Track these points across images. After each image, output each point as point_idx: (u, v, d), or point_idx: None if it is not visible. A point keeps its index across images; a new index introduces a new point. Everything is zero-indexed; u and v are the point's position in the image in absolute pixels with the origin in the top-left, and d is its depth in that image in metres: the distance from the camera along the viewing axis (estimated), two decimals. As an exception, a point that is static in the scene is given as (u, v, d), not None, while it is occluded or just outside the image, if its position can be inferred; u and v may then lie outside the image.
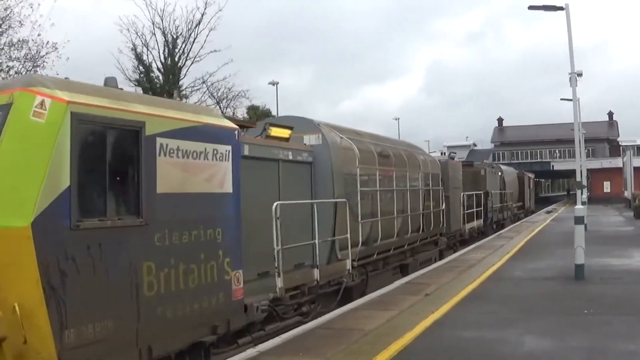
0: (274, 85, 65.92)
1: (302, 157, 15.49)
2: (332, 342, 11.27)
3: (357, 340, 11.36)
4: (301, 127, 16.28)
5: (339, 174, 16.36)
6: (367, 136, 20.33)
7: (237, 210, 11.39)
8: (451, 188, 27.84)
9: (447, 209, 26.82)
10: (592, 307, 13.77)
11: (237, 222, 11.37)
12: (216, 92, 57.96)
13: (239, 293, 11.31)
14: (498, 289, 17.01)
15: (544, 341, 11.17)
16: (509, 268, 20.98)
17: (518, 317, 13.21)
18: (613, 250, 24.80)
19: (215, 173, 10.80)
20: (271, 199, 13.12)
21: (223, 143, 11.04)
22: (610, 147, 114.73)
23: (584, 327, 12.07)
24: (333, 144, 16.45)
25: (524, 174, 63.39)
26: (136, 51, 53.81)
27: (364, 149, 18.44)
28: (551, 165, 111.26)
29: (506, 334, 11.78)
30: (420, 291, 16.45)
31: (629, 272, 19.18)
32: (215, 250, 10.74)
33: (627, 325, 12.09)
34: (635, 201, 51.32)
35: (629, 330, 11.66)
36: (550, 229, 40.01)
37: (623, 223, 43.79)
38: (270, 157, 14.07)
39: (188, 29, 55.05)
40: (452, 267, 21.26)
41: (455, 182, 29.03)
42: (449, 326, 12.50)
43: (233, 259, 11.14)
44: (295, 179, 15.03)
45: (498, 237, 34.23)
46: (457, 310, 14.11)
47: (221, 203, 11.00)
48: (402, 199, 21.21)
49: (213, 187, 10.78)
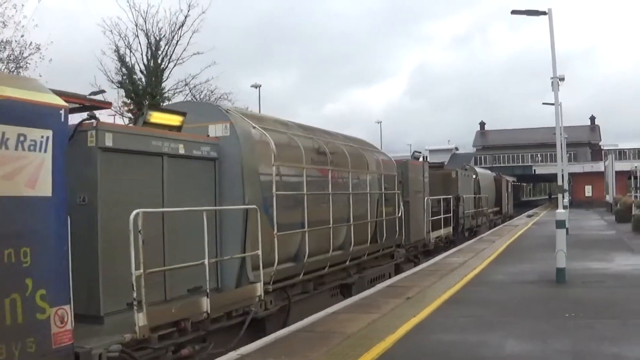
0: (257, 87, 65.82)
1: (200, 152, 12.45)
2: (314, 345, 11.19)
3: (339, 343, 11.27)
4: (206, 115, 13.58)
5: (252, 174, 13.17)
6: (296, 128, 16.70)
7: (62, 222, 8.24)
8: (412, 192, 24.89)
9: (407, 216, 23.27)
10: (574, 311, 13.73)
11: (61, 239, 8.21)
12: (199, 94, 57.71)
13: (64, 338, 8.11)
14: (480, 292, 16.97)
15: (527, 344, 11.11)
16: (490, 272, 20.94)
17: (500, 321, 13.15)
18: (594, 254, 24.83)
19: (20, 168, 7.75)
20: (151, 204, 10.65)
21: (37, 126, 7.95)
22: (592, 152, 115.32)
23: (566, 330, 12.02)
24: (245, 136, 13.28)
25: (501, 177, 61.29)
26: (119, 53, 53.46)
27: (288, 143, 15.09)
28: (533, 169, 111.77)
29: (488, 337, 11.71)
30: (401, 294, 16.39)
31: (611, 275, 19.18)
32: (19, 279, 7.62)
33: (609, 329, 12.05)
34: (616, 205, 51.48)
35: (612, 334, 11.61)
36: (531, 232, 40.04)
37: (604, 227, 43.92)
38: (148, 150, 11.12)
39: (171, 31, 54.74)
40: (434, 271, 21.19)
41: (417, 185, 26.04)
42: (430, 330, 12.43)
43: (53, 290, 8.00)
44: (189, 180, 12.12)
45: (479, 241, 34.23)
46: (439, 313, 14.04)
47: (30, 211, 7.89)
48: (342, 206, 17.53)
49: (16, 188, 7.72)
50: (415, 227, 25.21)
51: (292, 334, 12.27)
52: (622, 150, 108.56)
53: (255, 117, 15.13)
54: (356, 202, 18.46)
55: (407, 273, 21.11)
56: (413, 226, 24.80)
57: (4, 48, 41.11)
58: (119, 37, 53.27)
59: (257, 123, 14.09)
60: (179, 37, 54.74)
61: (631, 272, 19.76)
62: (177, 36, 54.78)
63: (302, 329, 12.70)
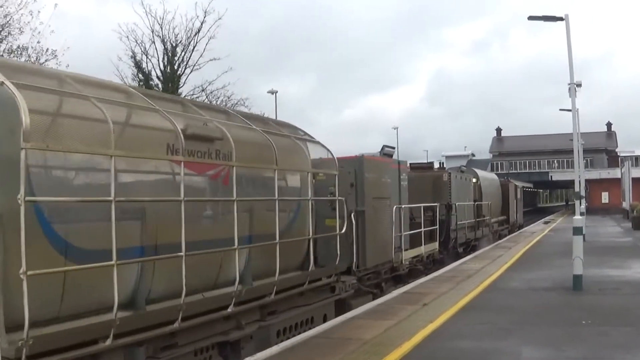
0: (273, 94, 65.88)
1: None
2: (329, 352, 11.24)
3: (354, 350, 11.31)
4: None
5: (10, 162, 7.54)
6: (120, 92, 10.82)
7: None
8: (371, 199, 18.22)
9: (361, 232, 17.38)
10: (590, 318, 13.74)
11: None
12: (215, 100, 57.86)
13: None
14: (496, 299, 16.98)
15: (542, 352, 11.13)
16: (507, 278, 20.95)
17: (516, 328, 13.18)
18: (611, 261, 24.80)
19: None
20: None
21: None
22: (608, 158, 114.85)
23: (582, 337, 12.03)
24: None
25: (509, 181, 52.68)
26: (135, 59, 53.73)
27: (73, 113, 8.88)
28: (549, 175, 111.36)
29: (504, 344, 11.74)
30: (418, 301, 16.42)
31: (627, 283, 19.15)
32: None
33: (625, 336, 12.06)
34: (633, 212, 51.30)
35: (627, 341, 11.63)
36: (548, 239, 39.97)
37: (621, 234, 43.79)
38: None
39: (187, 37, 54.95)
40: (451, 277, 21.20)
41: (379, 189, 19.09)
42: (447, 336, 12.46)
43: None
44: None
45: (496, 247, 34.17)
46: (455, 320, 14.07)
47: None
48: (234, 220, 11.16)
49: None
50: (376, 245, 18.63)
51: (308, 340, 12.32)
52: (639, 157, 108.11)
53: (42, 73, 10.99)
54: (259, 213, 12.58)
55: (423, 279, 21.15)
56: (372, 244, 18.27)
57: (21, 54, 41.29)
58: (135, 43, 53.53)
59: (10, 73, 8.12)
60: (195, 43, 54.91)
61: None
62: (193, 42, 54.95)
63: (318, 335, 12.75)
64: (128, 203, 9.20)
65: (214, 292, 11.36)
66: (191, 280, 10.04)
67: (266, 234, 12.46)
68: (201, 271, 10.80)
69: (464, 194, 32.64)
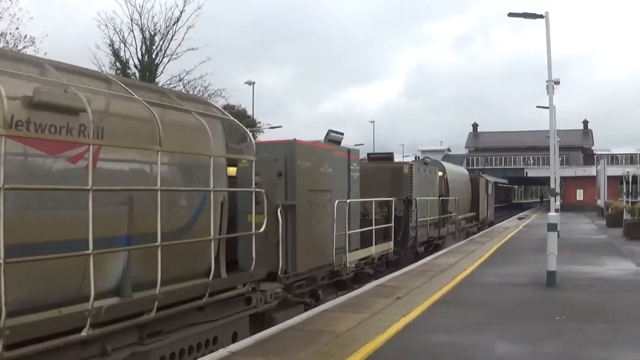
0: (251, 84, 65.76)
1: None
2: (303, 344, 11.12)
3: (328, 343, 11.21)
4: None
5: None
6: None
7: None
8: (304, 191, 15.48)
9: (291, 230, 14.76)
10: (564, 314, 13.70)
11: None
12: (193, 90, 57.72)
13: None
14: (470, 294, 16.94)
15: (516, 347, 11.06)
16: (480, 273, 20.91)
17: (490, 323, 13.12)
18: (585, 258, 24.84)
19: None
20: None
21: None
22: (584, 156, 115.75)
23: (556, 333, 11.98)
24: None
25: (479, 176, 49.80)
26: (113, 47, 53.73)
27: None
28: (525, 171, 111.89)
29: (478, 339, 11.66)
30: (391, 294, 16.34)
31: (601, 280, 19.17)
32: None
33: (599, 333, 12.02)
34: (608, 210, 51.56)
35: (602, 338, 11.58)
36: (522, 235, 40.07)
37: (595, 231, 43.97)
38: None
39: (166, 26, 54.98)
40: (424, 271, 21.13)
41: (318, 180, 16.32)
42: (420, 330, 12.38)
43: None
44: None
45: (470, 242, 34.17)
46: (429, 314, 14.00)
47: None
48: (105, 214, 8.90)
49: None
50: (311, 246, 15.73)
51: (282, 332, 12.18)
52: (615, 155, 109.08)
53: None
54: (142, 208, 9.89)
55: (396, 273, 20.97)
56: (306, 245, 15.37)
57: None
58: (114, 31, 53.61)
59: None
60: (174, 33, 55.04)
61: (622, 277, 19.78)
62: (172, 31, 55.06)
63: (292, 327, 12.62)
64: None
65: (71, 308, 8.62)
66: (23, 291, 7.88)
67: (153, 233, 9.57)
68: (54, 281, 8.49)
69: (428, 188, 29.57)
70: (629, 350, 10.82)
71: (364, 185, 20.01)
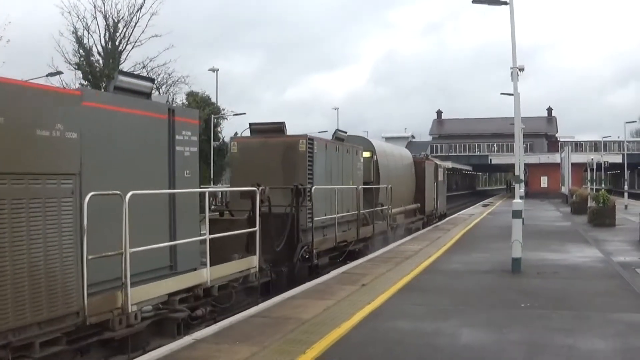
0: (214, 72, 65.47)
1: None
2: (269, 331, 11.05)
3: (294, 329, 11.15)
4: None
5: None
6: None
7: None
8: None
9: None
10: (529, 301, 13.73)
11: None
12: (156, 77, 57.45)
13: None
14: (435, 280, 16.92)
15: (482, 334, 11.07)
16: (445, 260, 20.93)
17: (455, 309, 13.10)
18: (550, 245, 24.96)
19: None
20: None
21: None
22: (548, 143, 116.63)
23: (521, 320, 11.98)
24: None
25: (425, 159, 40.15)
26: (77, 34, 53.30)
27: None
28: (489, 159, 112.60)
29: (443, 325, 11.63)
30: (356, 281, 16.29)
31: (565, 266, 19.25)
32: None
33: (564, 320, 12.05)
34: (572, 197, 51.96)
35: (567, 324, 11.61)
36: (486, 222, 40.27)
37: (560, 218, 44.31)
38: None
39: (130, 13, 54.64)
40: (389, 258, 21.12)
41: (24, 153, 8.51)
42: (385, 317, 12.34)
43: None
44: None
45: (435, 229, 34.26)
46: (394, 301, 13.96)
47: None
48: None
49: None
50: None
51: (248, 319, 12.11)
52: (579, 143, 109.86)
53: None
54: None
55: (361, 260, 20.91)
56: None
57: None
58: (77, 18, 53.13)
59: None
60: (137, 20, 54.67)
61: (586, 264, 19.86)
62: (135, 18, 54.66)
63: (257, 314, 12.55)
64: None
65: None
66: None
67: None
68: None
69: (343, 173, 22.41)
70: (592, 337, 10.84)
71: (244, 169, 18.00)
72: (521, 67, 29.84)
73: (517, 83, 25.15)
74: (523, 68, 32.86)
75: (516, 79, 25.16)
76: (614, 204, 37.41)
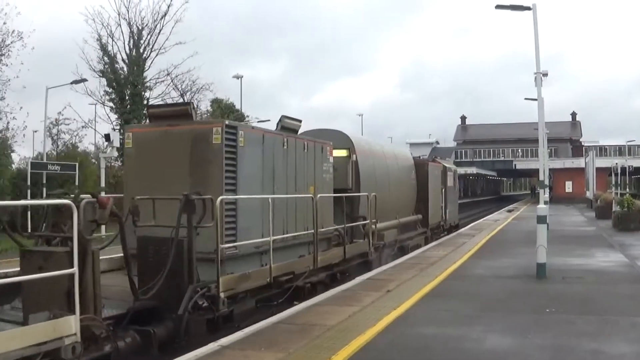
0: (239, 78, 65.61)
1: None
2: (294, 337, 11.11)
3: (319, 336, 11.20)
4: None
5: None
6: None
7: None
8: None
9: None
10: (554, 306, 13.72)
11: None
12: (180, 84, 57.64)
13: None
14: (460, 286, 16.94)
15: (507, 339, 11.10)
16: (470, 266, 20.92)
17: (480, 315, 13.13)
18: (575, 250, 24.88)
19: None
20: None
21: None
22: (572, 148, 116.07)
23: (547, 325, 11.99)
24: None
25: (428, 162, 32.77)
26: (101, 41, 53.47)
27: None
28: (513, 164, 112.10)
29: (468, 331, 11.67)
30: (381, 287, 16.33)
31: (590, 271, 19.20)
32: None
33: (589, 324, 12.06)
34: (597, 202, 51.70)
35: (592, 329, 11.63)
36: (511, 227, 40.11)
37: (585, 223, 44.09)
38: None
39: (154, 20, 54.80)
40: (414, 264, 21.13)
41: None
42: (411, 323, 12.38)
43: None
44: None
45: (458, 235, 34.18)
46: (419, 307, 13.99)
47: None
48: None
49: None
50: None
51: (273, 325, 12.17)
52: (603, 147, 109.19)
53: None
54: None
55: (386, 266, 20.91)
56: None
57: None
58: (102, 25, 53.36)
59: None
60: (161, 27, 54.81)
61: (611, 269, 19.82)
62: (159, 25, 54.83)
63: (282, 320, 12.61)
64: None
65: None
66: None
67: None
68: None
69: (296, 177, 16.47)
70: (617, 341, 10.85)
71: (141, 170, 13.86)
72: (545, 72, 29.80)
73: (540, 88, 25.17)
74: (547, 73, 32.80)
75: (540, 84, 25.17)
76: (639, 208, 37.21)
